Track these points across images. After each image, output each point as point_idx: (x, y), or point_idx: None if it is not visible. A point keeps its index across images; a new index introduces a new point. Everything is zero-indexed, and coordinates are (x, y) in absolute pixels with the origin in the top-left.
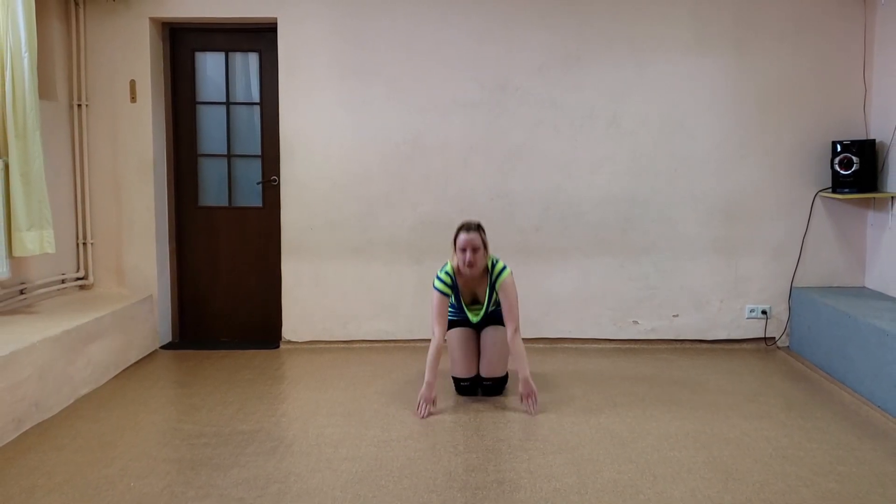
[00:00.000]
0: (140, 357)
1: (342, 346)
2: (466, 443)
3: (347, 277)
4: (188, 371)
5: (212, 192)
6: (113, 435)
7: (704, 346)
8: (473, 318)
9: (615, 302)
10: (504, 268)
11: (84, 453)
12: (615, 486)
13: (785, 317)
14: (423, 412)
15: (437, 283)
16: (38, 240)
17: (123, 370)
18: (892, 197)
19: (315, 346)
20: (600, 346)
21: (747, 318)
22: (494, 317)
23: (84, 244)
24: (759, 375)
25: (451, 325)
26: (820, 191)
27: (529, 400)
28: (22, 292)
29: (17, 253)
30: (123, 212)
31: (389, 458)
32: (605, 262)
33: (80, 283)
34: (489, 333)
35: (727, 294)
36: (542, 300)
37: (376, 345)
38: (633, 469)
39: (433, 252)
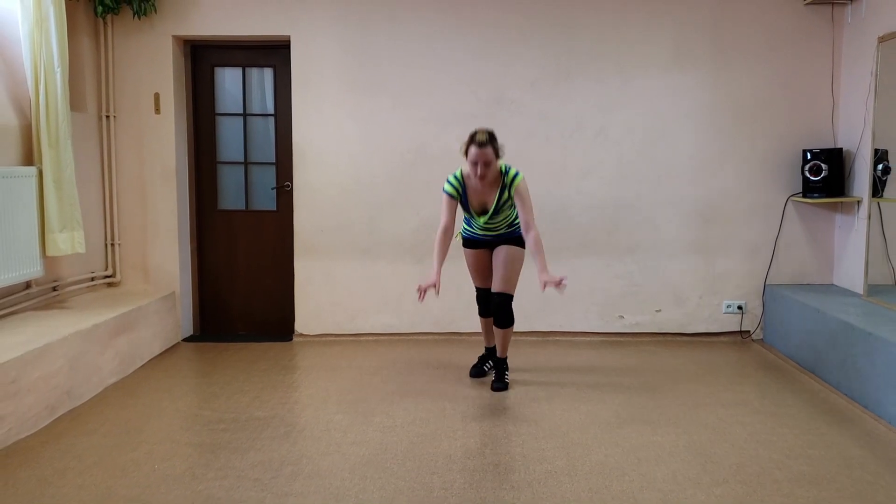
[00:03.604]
0: (164, 349)
1: (350, 338)
2: (465, 429)
3: (355, 276)
4: (208, 362)
5: (230, 196)
6: (139, 421)
7: (684, 338)
8: (481, 220)
9: (602, 298)
10: (517, 173)
11: (112, 438)
12: (602, 468)
13: (759, 312)
14: (421, 295)
15: (446, 186)
16: (69, 240)
17: (148, 361)
18: (858, 201)
19: (325, 339)
20: (588, 338)
21: (724, 313)
22: (505, 236)
23: (112, 245)
24: (735, 366)
25: (465, 243)
26: (791, 195)
27: (555, 284)
28: (55, 289)
29: (50, 253)
30: (148, 215)
31: (394, 443)
32: (592, 261)
33: (108, 280)
34: (501, 252)
35: (706, 291)
36: (534, 296)
37: (382, 338)
38: (619, 452)
39: (433, 252)
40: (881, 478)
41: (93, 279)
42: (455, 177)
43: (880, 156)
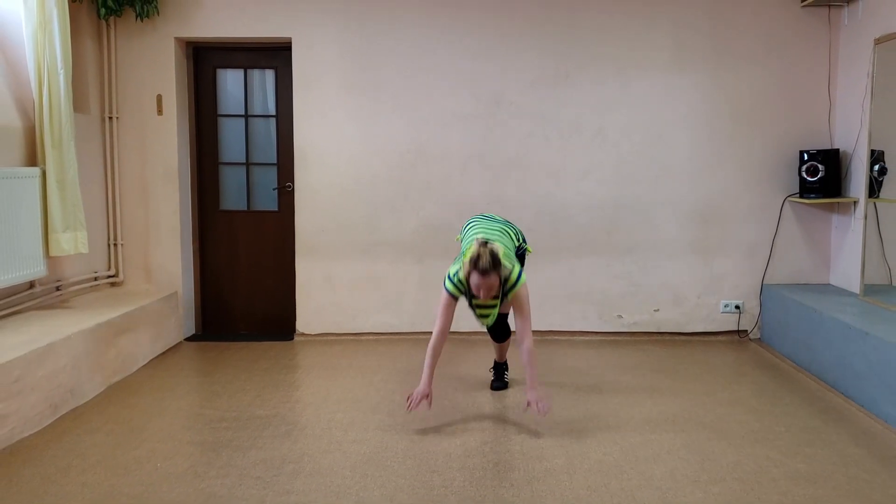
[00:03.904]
0: (166, 348)
1: (351, 338)
2: (464, 427)
3: (356, 275)
4: (210, 361)
5: (232, 197)
6: (141, 419)
7: (683, 338)
8: (486, 322)
9: (601, 298)
10: (518, 279)
11: (115, 436)
12: (601, 466)
13: (756, 311)
14: (412, 405)
15: (449, 285)
16: (72, 241)
17: (151, 360)
18: (855, 201)
19: (326, 338)
20: (587, 338)
21: (722, 313)
22: None
23: (115, 245)
24: (733, 365)
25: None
26: (788, 196)
27: (539, 405)
28: (58, 289)
29: (53, 253)
30: (151, 215)
31: (394, 441)
32: (591, 261)
33: (111, 280)
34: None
35: (703, 290)
36: (533, 296)
37: (382, 337)
38: (618, 450)
39: (434, 252)
40: (877, 476)
41: (96, 279)
42: (459, 279)
43: (876, 157)
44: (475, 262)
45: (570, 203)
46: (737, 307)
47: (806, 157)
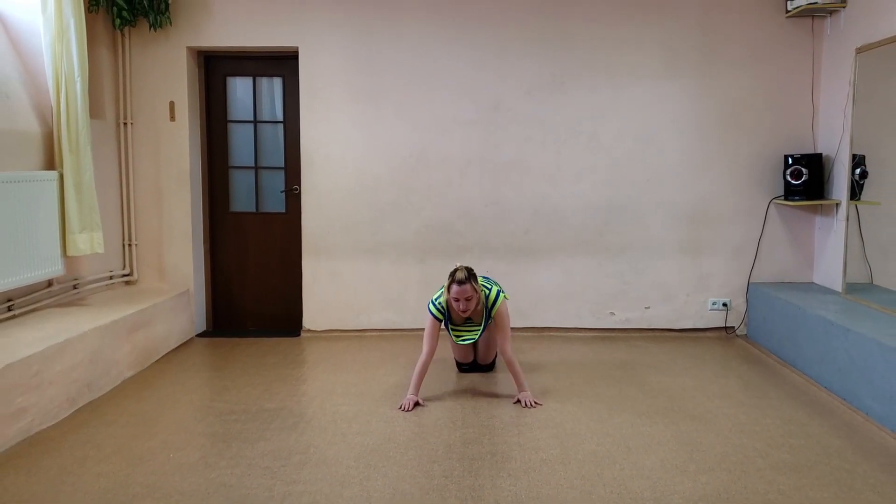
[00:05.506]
0: (178, 344)
1: (355, 334)
2: (464, 419)
3: (360, 274)
4: (220, 356)
5: (241, 199)
6: (155, 412)
7: (672, 334)
8: (468, 338)
9: (594, 295)
10: (498, 294)
11: (130, 428)
12: (594, 457)
13: (743, 309)
14: (406, 407)
15: (432, 308)
16: (88, 241)
17: (164, 355)
18: (837, 204)
19: (331, 335)
20: (581, 334)
21: (710, 310)
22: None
23: (129, 245)
24: (721, 360)
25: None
26: (773, 198)
27: (529, 402)
28: (75, 287)
29: (70, 252)
30: (164, 217)
31: (396, 433)
32: (585, 260)
33: (125, 279)
34: (482, 336)
35: (692, 289)
36: (530, 294)
37: (385, 333)
38: (610, 442)
39: (435, 252)
40: (858, 466)
41: (111, 278)
42: (440, 302)
43: (858, 161)
44: (453, 275)
45: (564, 205)
46: (724, 305)
47: (790, 161)
